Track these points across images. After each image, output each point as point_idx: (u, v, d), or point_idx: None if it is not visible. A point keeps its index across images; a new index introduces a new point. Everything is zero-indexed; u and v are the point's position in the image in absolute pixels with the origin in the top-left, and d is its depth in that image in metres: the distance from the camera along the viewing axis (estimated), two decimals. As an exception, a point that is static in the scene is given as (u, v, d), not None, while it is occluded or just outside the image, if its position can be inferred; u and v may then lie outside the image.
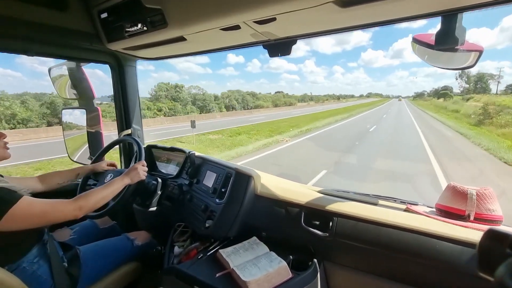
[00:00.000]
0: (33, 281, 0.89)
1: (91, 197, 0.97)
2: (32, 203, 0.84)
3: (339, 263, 0.99)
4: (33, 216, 0.83)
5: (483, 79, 60.38)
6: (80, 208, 0.93)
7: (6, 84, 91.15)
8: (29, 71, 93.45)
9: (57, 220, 0.89)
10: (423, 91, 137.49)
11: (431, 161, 7.11)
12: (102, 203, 1.01)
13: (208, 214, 1.17)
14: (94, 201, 0.98)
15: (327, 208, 1.03)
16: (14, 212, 0.79)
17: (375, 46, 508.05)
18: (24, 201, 0.82)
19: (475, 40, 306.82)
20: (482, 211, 0.88)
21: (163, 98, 30.04)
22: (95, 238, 1.23)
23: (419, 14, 0.78)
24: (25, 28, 1.07)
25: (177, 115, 26.47)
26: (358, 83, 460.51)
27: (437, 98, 70.83)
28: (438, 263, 0.79)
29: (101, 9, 1.15)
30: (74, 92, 1.62)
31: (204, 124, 17.98)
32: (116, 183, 1.08)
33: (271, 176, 1.34)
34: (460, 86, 68.23)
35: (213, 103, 35.26)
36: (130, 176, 1.13)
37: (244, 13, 0.81)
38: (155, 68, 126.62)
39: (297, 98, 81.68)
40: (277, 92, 70.88)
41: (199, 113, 30.93)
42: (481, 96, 38.01)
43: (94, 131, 1.61)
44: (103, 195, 1.01)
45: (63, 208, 0.90)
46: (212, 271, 0.94)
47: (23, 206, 0.81)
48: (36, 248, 0.95)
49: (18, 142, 11.45)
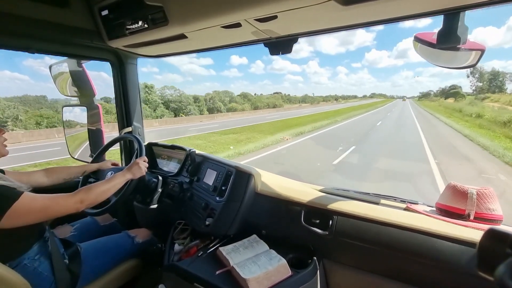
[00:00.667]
0: (34, 278, 0.90)
1: (92, 190, 0.97)
2: (33, 198, 0.84)
3: (339, 261, 0.99)
4: (35, 211, 0.84)
5: (498, 76, 54.35)
6: (82, 201, 0.93)
7: (14, 87, 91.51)
8: (36, 74, 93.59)
9: (59, 214, 0.89)
10: (429, 90, 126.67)
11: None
12: (103, 197, 1.01)
13: (208, 212, 1.17)
14: (95, 195, 0.97)
15: (327, 207, 1.03)
16: (16, 207, 0.79)
17: (379, 46, 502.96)
18: (25, 197, 0.82)
19: (482, 39, 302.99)
20: (482, 210, 0.88)
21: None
22: (95, 235, 1.23)
23: (421, 13, 0.77)
24: (25, 25, 1.07)
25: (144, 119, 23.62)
26: (362, 83, 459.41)
27: (445, 98, 65.58)
28: (438, 262, 0.79)
29: (102, 6, 1.15)
30: (75, 89, 1.62)
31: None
32: (118, 178, 1.08)
33: (271, 175, 1.35)
34: (472, 85, 61.06)
35: (192, 105, 32.76)
36: (132, 171, 1.13)
37: (245, 10, 0.81)
38: (159, 70, 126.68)
39: (298, 99, 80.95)
40: (276, 93, 69.12)
41: (174, 116, 28.45)
42: (499, 95, 32.02)
43: (95, 129, 1.61)
44: (105, 189, 1.01)
45: (64, 201, 0.90)
46: (212, 269, 0.95)
47: (25, 202, 0.81)
48: (37, 245, 0.96)
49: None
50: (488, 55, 34.04)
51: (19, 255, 0.90)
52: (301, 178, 2.93)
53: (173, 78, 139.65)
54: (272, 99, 58.28)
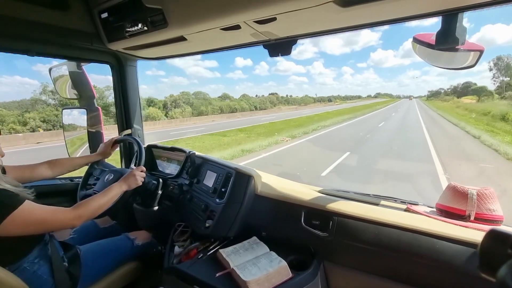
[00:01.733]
0: (33, 281, 0.89)
1: (89, 205, 0.98)
2: (32, 210, 0.83)
3: (339, 263, 0.99)
4: (32, 224, 0.83)
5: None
6: (80, 217, 0.93)
7: (24, 92, 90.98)
8: (45, 78, 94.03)
9: (55, 229, 0.90)
10: (439, 89, 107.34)
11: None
12: (100, 211, 1.02)
13: (208, 214, 1.17)
14: (93, 210, 0.98)
15: (327, 208, 1.03)
16: (14, 217, 0.78)
17: (385, 46, 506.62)
18: (25, 207, 0.81)
19: (490, 38, 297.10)
20: (483, 211, 0.88)
21: (45, 105, 21.20)
22: (95, 238, 1.23)
23: (419, 14, 0.78)
24: (26, 27, 1.07)
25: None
26: (368, 84, 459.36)
27: (457, 96, 54.15)
28: (439, 263, 0.78)
29: (101, 9, 1.15)
30: (74, 92, 1.62)
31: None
32: (113, 190, 1.07)
33: (271, 176, 1.34)
34: (495, 80, 45.90)
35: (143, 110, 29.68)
36: (128, 182, 1.13)
37: (244, 13, 0.81)
38: (166, 73, 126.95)
39: (297, 100, 79.79)
40: (271, 94, 65.61)
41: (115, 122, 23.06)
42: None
43: (94, 131, 1.61)
44: (101, 204, 1.02)
45: (63, 217, 0.90)
46: (212, 271, 0.94)
47: (23, 213, 0.80)
48: (37, 249, 0.95)
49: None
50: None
51: (19, 258, 0.90)
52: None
53: (179, 81, 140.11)
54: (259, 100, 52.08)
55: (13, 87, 67.88)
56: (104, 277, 1.13)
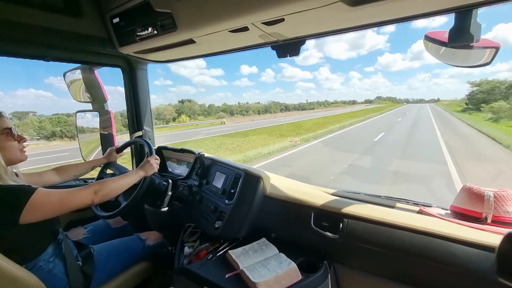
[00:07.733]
0: (49, 279, 0.92)
1: (106, 183, 1.00)
2: (48, 192, 0.87)
3: (350, 265, 0.97)
4: (52, 203, 0.86)
5: None
6: (95, 192, 0.95)
7: (40, 104, 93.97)
8: (57, 91, 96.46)
9: (75, 206, 0.91)
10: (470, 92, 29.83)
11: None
12: (116, 192, 1.04)
13: (217, 215, 1.18)
14: (109, 188, 1.00)
15: (337, 210, 1.01)
16: (33, 201, 0.82)
17: (392, 49, 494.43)
18: (41, 191, 0.85)
19: (503, 36, 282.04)
20: (500, 213, 0.85)
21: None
22: (107, 238, 1.25)
23: (431, 11, 0.76)
24: (42, 34, 1.11)
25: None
26: (377, 88, 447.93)
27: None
28: (454, 267, 0.76)
29: (113, 14, 1.18)
30: (87, 95, 1.66)
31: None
32: (131, 175, 1.11)
33: (280, 177, 1.34)
34: None
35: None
36: (144, 168, 1.16)
37: (252, 14, 0.82)
38: (173, 82, 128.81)
39: (295, 106, 76.27)
40: (271, 102, 64.12)
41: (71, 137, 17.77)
42: None
43: (106, 133, 1.65)
44: (118, 184, 1.04)
45: (79, 193, 0.93)
46: (221, 272, 0.94)
47: (41, 196, 0.84)
48: (51, 247, 0.98)
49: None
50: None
51: (35, 257, 0.93)
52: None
53: (186, 90, 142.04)
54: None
55: (29, 99, 70.14)
56: (116, 276, 1.15)
